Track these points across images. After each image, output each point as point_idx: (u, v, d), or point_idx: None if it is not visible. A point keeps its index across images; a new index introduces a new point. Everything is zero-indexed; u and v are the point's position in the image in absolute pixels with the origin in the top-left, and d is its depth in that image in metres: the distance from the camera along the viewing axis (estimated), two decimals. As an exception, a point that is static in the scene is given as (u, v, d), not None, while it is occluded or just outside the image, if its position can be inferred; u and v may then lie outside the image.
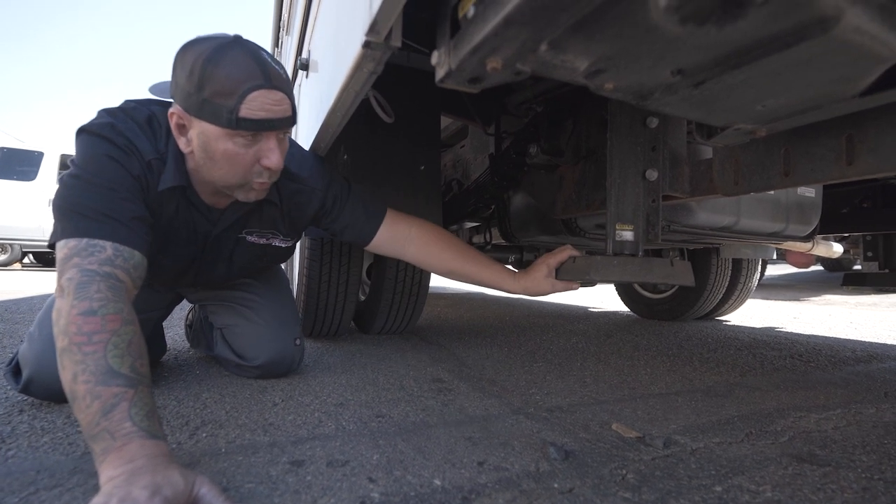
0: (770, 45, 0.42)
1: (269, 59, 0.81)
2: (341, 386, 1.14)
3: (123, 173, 0.79)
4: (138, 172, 0.81)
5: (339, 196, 1.08)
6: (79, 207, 0.74)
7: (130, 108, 0.86)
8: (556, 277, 1.06)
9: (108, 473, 0.54)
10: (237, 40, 0.80)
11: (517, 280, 1.07)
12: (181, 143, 0.83)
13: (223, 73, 0.76)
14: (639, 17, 0.41)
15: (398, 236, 1.11)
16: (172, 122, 0.82)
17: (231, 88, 0.76)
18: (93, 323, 0.64)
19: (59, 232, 0.73)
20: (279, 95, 0.80)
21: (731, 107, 0.58)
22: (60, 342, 0.63)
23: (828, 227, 1.59)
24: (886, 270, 1.65)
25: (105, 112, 0.84)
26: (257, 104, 0.77)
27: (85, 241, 0.72)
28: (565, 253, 1.04)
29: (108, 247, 0.72)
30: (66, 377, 0.61)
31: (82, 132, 0.80)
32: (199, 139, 0.81)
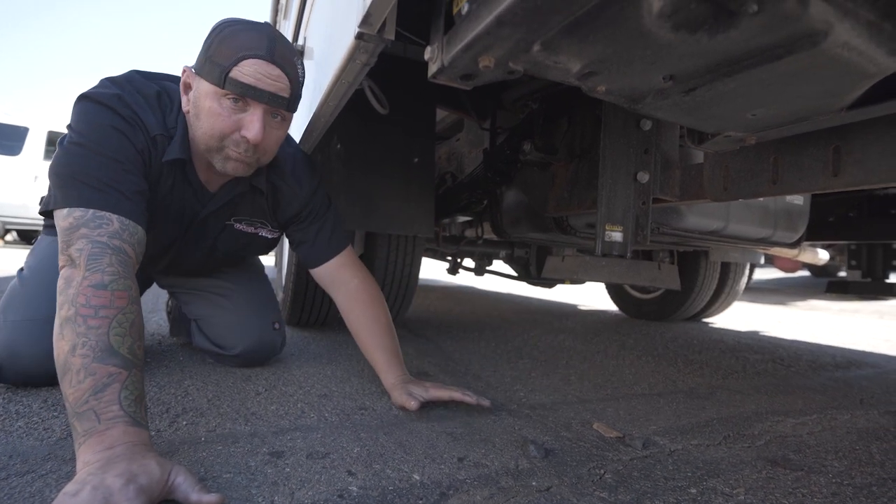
0: (760, 56, 0.42)
1: (286, 47, 0.82)
2: (326, 377, 1.14)
3: (128, 145, 0.79)
4: (142, 146, 0.81)
5: (314, 210, 1.07)
6: (83, 176, 0.73)
7: (138, 82, 0.85)
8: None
9: (86, 458, 0.54)
10: (265, 25, 0.82)
11: (390, 385, 0.96)
12: (184, 101, 0.85)
13: (233, 39, 0.78)
14: (632, 22, 0.41)
15: (339, 278, 1.07)
16: (182, 80, 0.84)
17: (232, 52, 0.78)
18: (102, 297, 0.63)
19: (62, 199, 0.72)
20: (277, 72, 0.80)
21: (722, 114, 0.58)
22: (65, 311, 0.63)
23: (814, 235, 1.61)
24: (869, 279, 1.67)
25: (110, 82, 0.82)
26: (250, 70, 0.78)
27: (91, 212, 0.71)
28: (445, 394, 0.93)
29: (114, 220, 0.72)
30: (62, 347, 0.61)
31: (86, 99, 0.78)
32: (194, 95, 0.82)
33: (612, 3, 0.39)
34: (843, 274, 6.35)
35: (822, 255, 2.15)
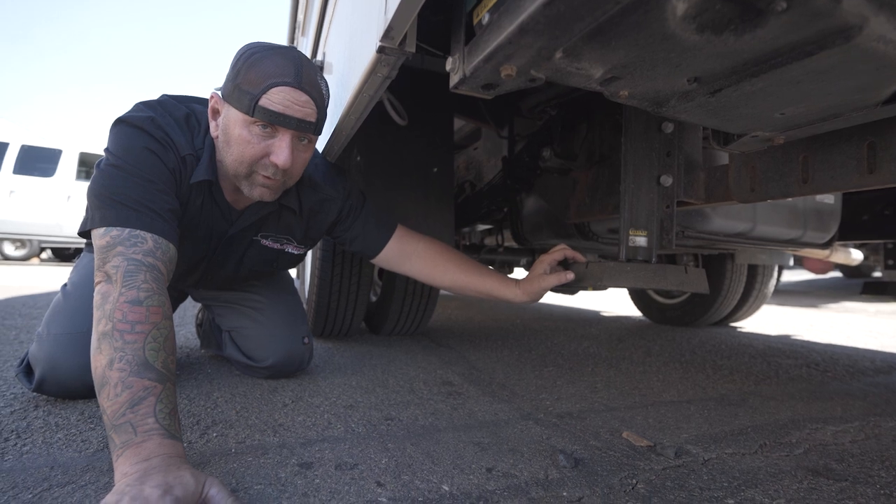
0: (789, 54, 0.42)
1: (312, 71, 0.83)
2: (351, 387, 1.14)
3: (161, 166, 0.82)
4: (173, 166, 0.84)
5: (354, 206, 1.11)
6: (120, 197, 0.76)
7: (169, 105, 0.89)
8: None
9: (123, 469, 0.55)
10: (291, 50, 0.84)
11: (518, 286, 1.06)
12: (212, 126, 0.87)
13: (260, 66, 0.80)
14: (656, 25, 0.41)
15: (405, 250, 1.13)
16: (210, 106, 0.87)
17: (260, 79, 0.79)
18: (138, 312, 0.66)
19: (99, 219, 0.75)
20: (304, 98, 0.82)
21: (749, 114, 0.57)
22: (103, 326, 0.65)
23: (847, 234, 1.55)
24: (908, 279, 1.60)
25: (144, 105, 0.87)
26: (278, 98, 0.80)
27: (127, 231, 0.74)
28: (560, 253, 1.05)
29: (149, 238, 0.75)
30: (100, 361, 0.63)
31: (122, 123, 0.82)
32: (223, 122, 0.85)
33: (635, 7, 0.39)
34: (878, 274, 6.11)
35: (856, 256, 2.07)
